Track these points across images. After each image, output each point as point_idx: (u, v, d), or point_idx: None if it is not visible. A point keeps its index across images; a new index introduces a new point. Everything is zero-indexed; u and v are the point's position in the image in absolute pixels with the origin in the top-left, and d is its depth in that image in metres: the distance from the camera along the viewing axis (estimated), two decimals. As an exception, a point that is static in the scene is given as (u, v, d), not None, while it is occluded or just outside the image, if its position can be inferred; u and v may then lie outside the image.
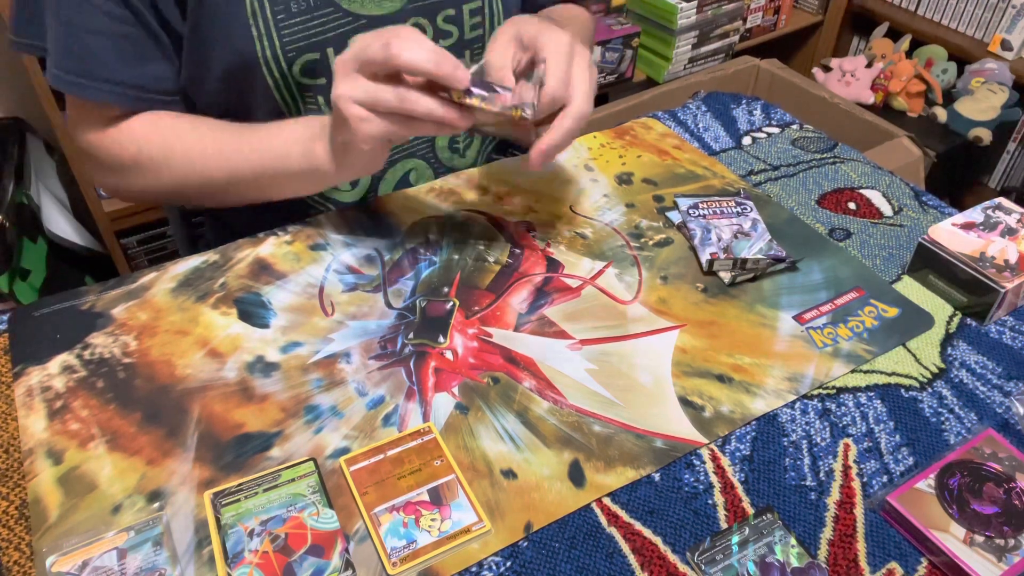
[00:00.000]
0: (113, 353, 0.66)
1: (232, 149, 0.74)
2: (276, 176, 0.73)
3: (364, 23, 0.75)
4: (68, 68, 0.72)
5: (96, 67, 0.72)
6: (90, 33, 0.71)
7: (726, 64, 1.84)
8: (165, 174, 0.77)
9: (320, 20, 0.73)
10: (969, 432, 0.62)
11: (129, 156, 0.76)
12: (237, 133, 0.74)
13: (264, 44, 0.71)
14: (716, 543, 0.54)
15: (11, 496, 0.56)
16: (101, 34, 0.71)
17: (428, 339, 0.68)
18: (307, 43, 0.73)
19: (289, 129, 0.72)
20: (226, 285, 0.72)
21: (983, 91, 2.05)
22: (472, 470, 0.58)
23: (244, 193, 0.77)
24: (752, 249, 0.74)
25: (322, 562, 0.52)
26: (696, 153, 0.91)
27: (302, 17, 0.72)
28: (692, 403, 0.63)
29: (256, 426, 0.61)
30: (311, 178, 0.73)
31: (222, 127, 0.76)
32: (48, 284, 1.50)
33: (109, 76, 0.73)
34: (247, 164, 0.74)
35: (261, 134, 0.73)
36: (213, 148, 0.74)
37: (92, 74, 0.72)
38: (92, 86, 0.73)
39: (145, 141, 0.76)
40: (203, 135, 0.75)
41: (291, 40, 0.72)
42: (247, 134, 0.74)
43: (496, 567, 0.53)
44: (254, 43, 0.71)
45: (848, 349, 0.68)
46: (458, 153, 0.90)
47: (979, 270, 0.69)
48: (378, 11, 0.75)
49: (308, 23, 0.72)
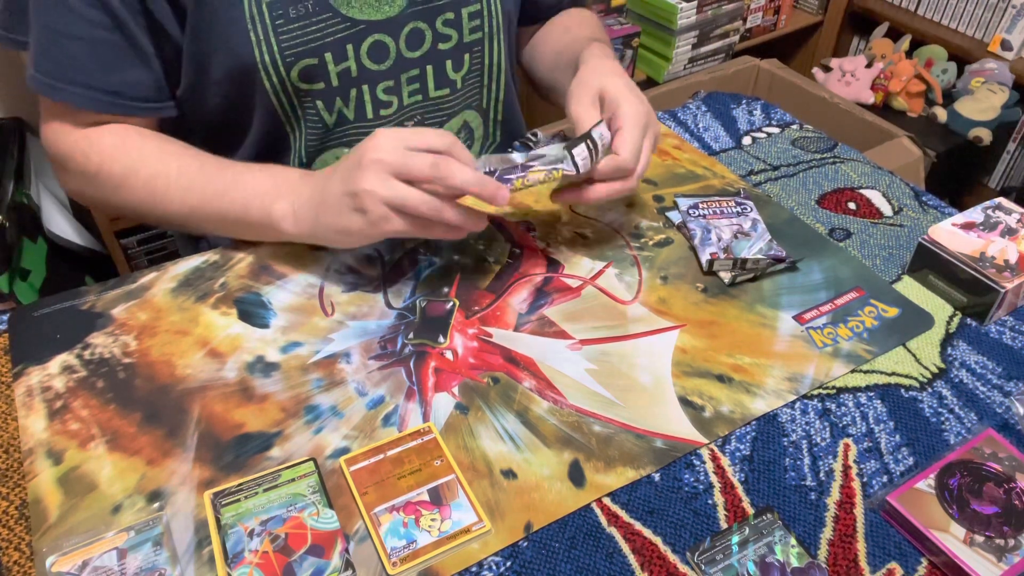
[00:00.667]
0: (113, 353, 0.66)
1: (196, 185, 0.72)
2: (235, 223, 0.73)
3: (363, 28, 0.75)
4: (45, 71, 0.72)
5: (72, 71, 0.72)
6: (68, 38, 0.70)
7: (726, 64, 1.84)
8: (124, 194, 0.75)
9: (318, 26, 0.73)
10: (969, 432, 0.62)
11: (92, 167, 0.75)
12: (202, 170, 0.73)
13: (263, 49, 0.71)
14: (716, 543, 0.54)
15: (11, 496, 0.56)
16: (79, 39, 0.70)
17: (428, 339, 0.68)
18: (305, 48, 0.73)
19: (254, 180, 0.71)
20: (226, 285, 0.72)
21: (983, 91, 2.05)
22: (472, 470, 0.58)
23: (203, 228, 0.76)
24: (752, 249, 0.74)
25: (322, 562, 0.52)
26: (696, 153, 0.91)
27: (301, 23, 0.72)
28: (692, 403, 0.63)
29: (256, 426, 0.61)
30: (268, 233, 0.72)
31: (190, 158, 0.74)
32: (48, 284, 1.50)
33: (85, 81, 0.72)
34: (207, 204, 0.72)
35: (227, 177, 0.72)
36: (176, 180, 0.73)
37: (67, 78, 0.72)
38: (67, 89, 0.72)
39: (109, 157, 0.74)
40: (168, 164, 0.74)
41: (289, 45, 0.72)
42: (213, 174, 0.72)
43: (496, 567, 0.53)
44: (253, 48, 0.71)
45: (848, 349, 0.68)
46: None
47: (979, 270, 0.69)
48: (377, 16, 0.75)
49: (306, 28, 0.72)
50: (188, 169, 0.73)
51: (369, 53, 0.76)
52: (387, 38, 0.76)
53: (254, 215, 0.71)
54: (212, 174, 0.72)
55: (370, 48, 0.76)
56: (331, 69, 0.75)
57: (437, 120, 0.84)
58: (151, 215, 0.76)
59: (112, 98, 0.74)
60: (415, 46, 0.78)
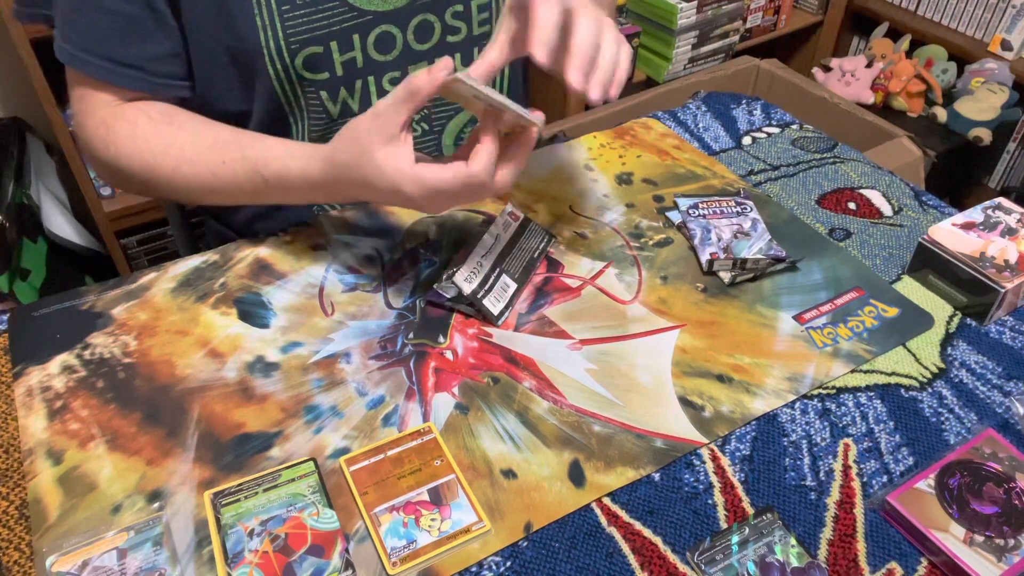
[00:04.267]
0: (113, 353, 0.66)
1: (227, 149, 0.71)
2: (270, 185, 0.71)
3: (370, 18, 0.75)
4: (73, 42, 0.72)
5: (93, 42, 0.71)
6: (91, 9, 0.70)
7: (726, 64, 1.84)
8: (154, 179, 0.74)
9: (324, 14, 0.72)
10: (969, 432, 0.62)
11: (125, 156, 0.74)
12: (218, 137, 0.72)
13: (268, 35, 0.71)
14: (716, 543, 0.54)
15: (11, 496, 0.56)
16: (101, 10, 0.70)
17: (428, 339, 0.68)
18: (311, 36, 0.72)
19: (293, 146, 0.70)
20: (226, 285, 0.72)
21: (983, 91, 2.05)
22: (472, 470, 0.58)
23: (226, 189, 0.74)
24: (752, 249, 0.74)
25: (322, 562, 0.52)
26: (696, 153, 0.91)
27: (306, 10, 0.71)
28: (692, 403, 0.63)
29: (256, 426, 0.61)
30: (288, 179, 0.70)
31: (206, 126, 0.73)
32: (48, 284, 1.50)
33: (107, 54, 0.72)
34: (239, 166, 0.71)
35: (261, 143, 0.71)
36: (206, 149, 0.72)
37: (90, 49, 0.71)
38: (90, 61, 0.72)
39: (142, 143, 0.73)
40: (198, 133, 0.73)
41: (295, 32, 0.72)
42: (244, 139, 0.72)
43: (496, 567, 0.53)
44: (258, 33, 0.71)
45: (848, 349, 0.68)
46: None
47: (979, 270, 0.69)
48: (384, 7, 0.75)
49: (312, 16, 0.72)
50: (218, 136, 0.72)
51: (376, 44, 0.76)
52: (395, 29, 0.76)
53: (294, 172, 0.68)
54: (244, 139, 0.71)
55: (377, 39, 0.76)
56: (336, 58, 0.74)
57: (444, 114, 0.83)
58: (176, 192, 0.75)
59: (135, 72, 0.73)
60: (424, 38, 0.78)
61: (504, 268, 0.71)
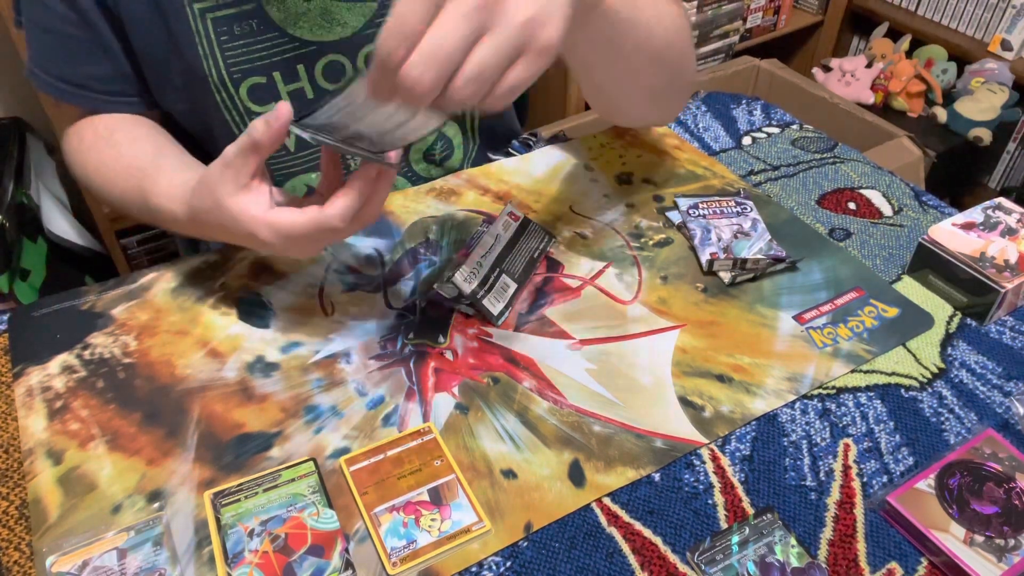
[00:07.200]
0: (113, 353, 0.66)
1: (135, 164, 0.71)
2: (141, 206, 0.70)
3: (314, 48, 0.73)
4: (32, 58, 0.74)
5: (47, 62, 0.74)
6: (43, 31, 0.72)
7: (726, 64, 1.84)
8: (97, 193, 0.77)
9: (264, 44, 0.71)
10: (969, 432, 0.62)
11: (77, 166, 0.78)
12: (146, 162, 0.71)
13: (210, 64, 0.71)
14: (716, 543, 0.54)
15: (11, 496, 0.56)
16: (51, 32, 0.72)
17: (428, 339, 0.68)
18: (251, 66, 0.72)
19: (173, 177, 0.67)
20: (226, 285, 0.72)
21: (983, 91, 2.05)
22: (472, 470, 0.58)
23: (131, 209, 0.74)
24: (752, 249, 0.74)
25: (322, 562, 0.52)
26: (696, 153, 0.91)
27: (245, 40, 0.70)
28: (692, 403, 0.63)
29: (256, 426, 0.61)
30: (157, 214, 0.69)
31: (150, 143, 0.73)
32: (48, 284, 1.50)
33: (57, 72, 0.74)
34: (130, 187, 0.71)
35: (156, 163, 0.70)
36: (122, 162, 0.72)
37: (44, 68, 0.74)
38: (45, 80, 0.74)
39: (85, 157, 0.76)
40: (122, 155, 0.73)
41: (235, 62, 0.71)
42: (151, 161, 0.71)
43: (496, 567, 0.53)
44: (202, 62, 0.71)
45: (848, 349, 0.68)
46: (434, 163, 0.89)
47: (979, 270, 0.69)
48: (329, 36, 0.73)
49: (252, 47, 0.71)
50: (124, 159, 0.72)
51: (324, 73, 0.75)
52: (343, 58, 0.75)
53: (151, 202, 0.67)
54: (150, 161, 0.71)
55: (325, 68, 0.75)
56: (281, 88, 0.74)
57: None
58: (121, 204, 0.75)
59: (80, 90, 0.75)
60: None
61: (504, 268, 0.71)
